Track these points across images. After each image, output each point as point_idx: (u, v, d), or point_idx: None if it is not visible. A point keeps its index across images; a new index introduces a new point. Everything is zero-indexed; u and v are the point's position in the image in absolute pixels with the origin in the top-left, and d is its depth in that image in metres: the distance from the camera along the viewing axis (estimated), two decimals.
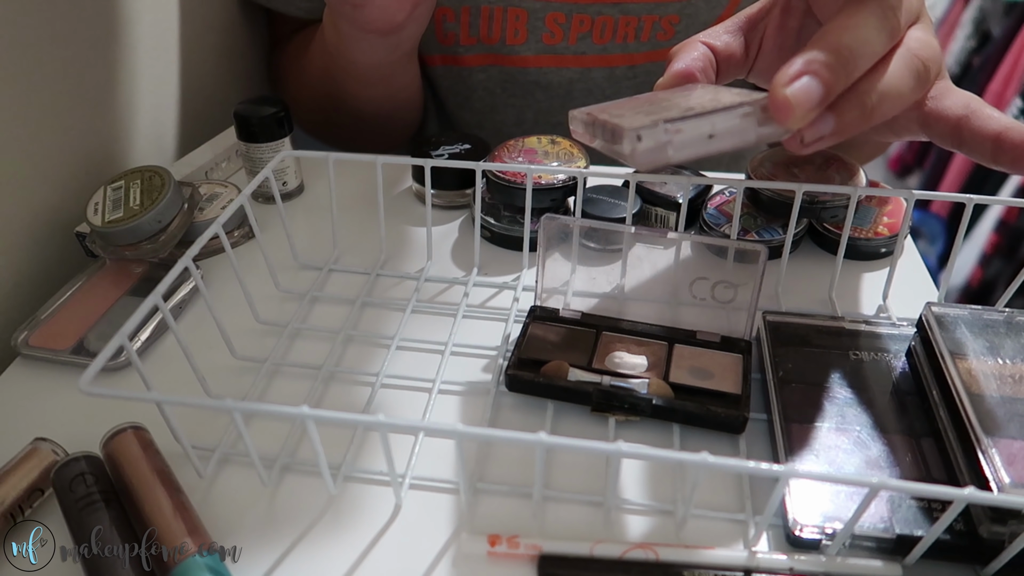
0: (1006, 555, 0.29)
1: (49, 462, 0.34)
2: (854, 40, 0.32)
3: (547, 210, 0.51)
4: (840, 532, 0.30)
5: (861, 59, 0.32)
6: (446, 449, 0.36)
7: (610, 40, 0.61)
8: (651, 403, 0.36)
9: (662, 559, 0.30)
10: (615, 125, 0.32)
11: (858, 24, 0.32)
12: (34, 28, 0.48)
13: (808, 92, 0.31)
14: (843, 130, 0.33)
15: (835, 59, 0.31)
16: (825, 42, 0.32)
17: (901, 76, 0.33)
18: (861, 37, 0.32)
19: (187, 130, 0.64)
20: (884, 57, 0.33)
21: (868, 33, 0.32)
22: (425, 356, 0.42)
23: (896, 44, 0.34)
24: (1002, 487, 0.29)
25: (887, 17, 0.33)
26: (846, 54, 0.31)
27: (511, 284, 0.48)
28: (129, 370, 0.42)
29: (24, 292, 0.49)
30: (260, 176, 0.44)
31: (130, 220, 0.47)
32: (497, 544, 0.31)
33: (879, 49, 0.33)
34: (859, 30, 0.32)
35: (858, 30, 0.32)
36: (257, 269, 0.48)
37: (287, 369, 0.41)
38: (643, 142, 0.30)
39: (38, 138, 0.49)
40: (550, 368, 0.38)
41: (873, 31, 0.32)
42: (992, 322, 0.36)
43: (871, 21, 0.32)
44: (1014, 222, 1.49)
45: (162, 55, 0.60)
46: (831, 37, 0.32)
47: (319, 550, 0.32)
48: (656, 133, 0.30)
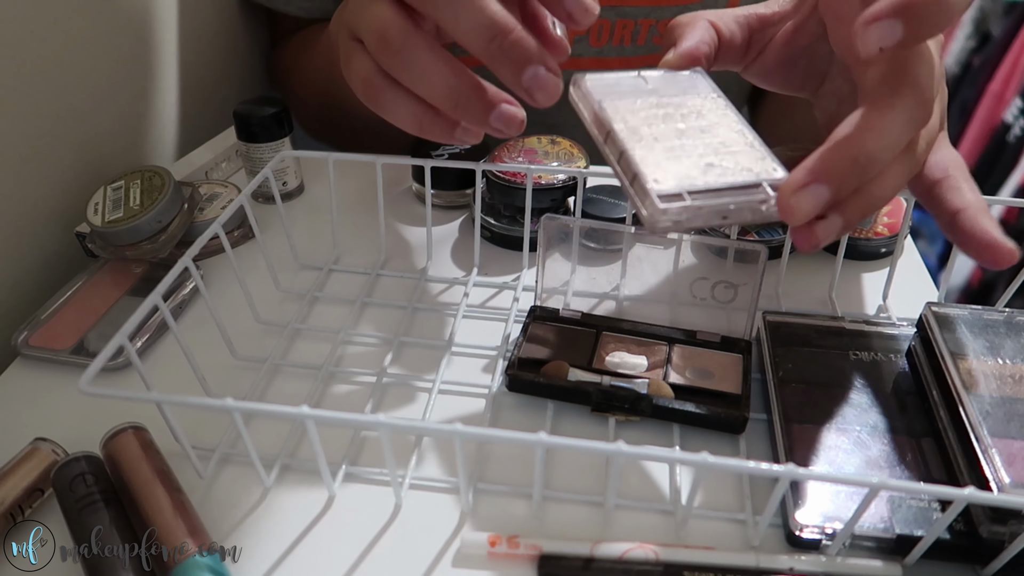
0: (1006, 555, 0.29)
1: (49, 462, 0.34)
2: (877, 147, 0.29)
3: (547, 210, 0.51)
4: (840, 532, 0.30)
5: (879, 164, 0.29)
6: (446, 449, 0.36)
7: (607, 43, 0.61)
8: (651, 403, 0.36)
9: (662, 559, 0.30)
10: (638, 174, 0.30)
11: (886, 126, 0.29)
12: (34, 28, 0.48)
13: (816, 200, 0.29)
14: (847, 228, 0.31)
15: (852, 168, 0.29)
16: (847, 146, 0.29)
17: (902, 175, 0.31)
18: (886, 143, 0.29)
19: (187, 130, 0.64)
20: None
21: (894, 137, 0.29)
22: (425, 356, 0.42)
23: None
24: (1002, 487, 0.29)
25: (917, 117, 0.30)
26: (864, 162, 0.29)
27: (511, 284, 0.48)
28: (129, 370, 0.41)
29: (24, 292, 0.49)
30: (260, 176, 0.44)
31: (130, 220, 0.47)
32: (497, 544, 0.31)
33: (899, 152, 0.30)
34: (886, 134, 0.29)
35: (885, 134, 0.29)
36: (257, 269, 0.48)
37: (287, 369, 0.41)
38: (666, 215, 0.29)
39: (38, 138, 0.49)
40: (550, 368, 0.38)
41: (901, 134, 0.29)
42: (992, 322, 0.36)
43: (900, 121, 0.29)
44: (1014, 222, 1.49)
45: (162, 55, 0.60)
46: (855, 141, 0.29)
47: (319, 550, 0.32)
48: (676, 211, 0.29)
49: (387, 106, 0.34)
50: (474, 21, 0.31)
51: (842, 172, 0.29)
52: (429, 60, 0.32)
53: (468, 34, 0.31)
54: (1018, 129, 1.52)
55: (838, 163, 0.29)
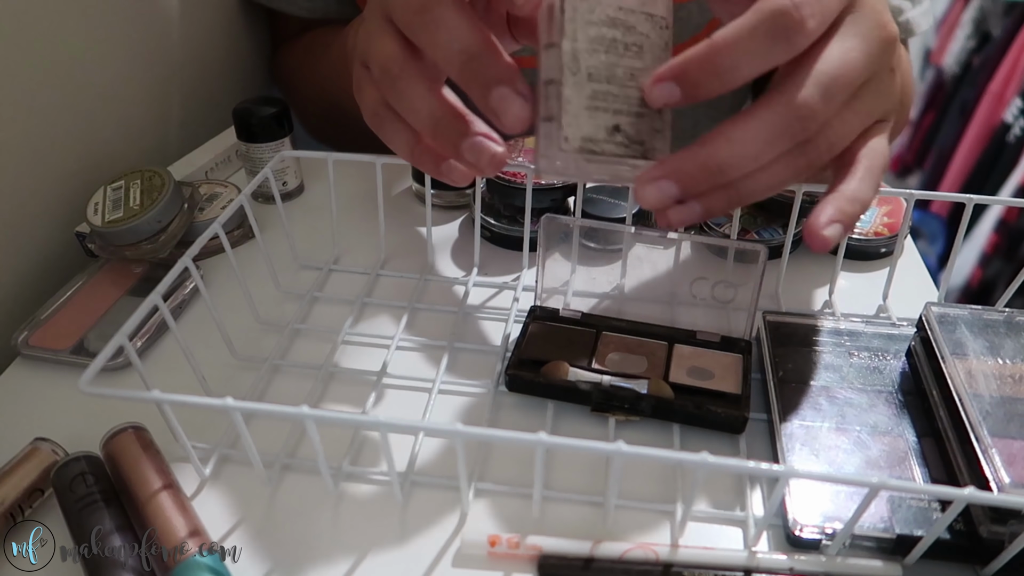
0: (1006, 555, 0.29)
1: (49, 462, 0.34)
2: (733, 156, 0.29)
3: (547, 210, 0.51)
4: (840, 532, 0.30)
5: (740, 170, 0.30)
6: (446, 449, 0.36)
7: None
8: (651, 403, 0.36)
9: (662, 559, 0.30)
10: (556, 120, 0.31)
11: (744, 138, 0.29)
12: (34, 29, 0.48)
13: (662, 195, 0.30)
14: (711, 215, 0.31)
15: (702, 173, 0.30)
16: (700, 153, 0.30)
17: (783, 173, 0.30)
18: (744, 153, 0.29)
19: (187, 130, 0.64)
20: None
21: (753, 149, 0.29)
22: (425, 356, 0.42)
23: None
24: (1002, 487, 0.29)
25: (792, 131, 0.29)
26: (716, 170, 0.29)
27: (511, 284, 0.48)
28: (129, 370, 0.42)
29: (24, 292, 0.49)
30: (260, 176, 0.44)
31: (130, 220, 0.47)
32: (497, 544, 0.31)
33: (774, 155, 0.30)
34: (744, 145, 0.29)
35: (741, 145, 0.29)
36: (257, 269, 0.48)
37: (287, 369, 0.41)
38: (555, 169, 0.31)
39: (38, 138, 0.49)
40: (550, 368, 0.38)
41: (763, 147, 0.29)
42: (992, 322, 0.36)
43: (763, 134, 0.29)
44: (1014, 222, 1.49)
45: (162, 55, 0.60)
46: (710, 149, 0.29)
47: (319, 550, 0.32)
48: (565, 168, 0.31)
49: (387, 134, 0.35)
50: (449, 45, 0.31)
51: (692, 176, 0.30)
52: (419, 89, 0.33)
53: (444, 59, 0.32)
54: (1018, 129, 1.52)
55: (689, 167, 0.30)
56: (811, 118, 0.29)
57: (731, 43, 0.29)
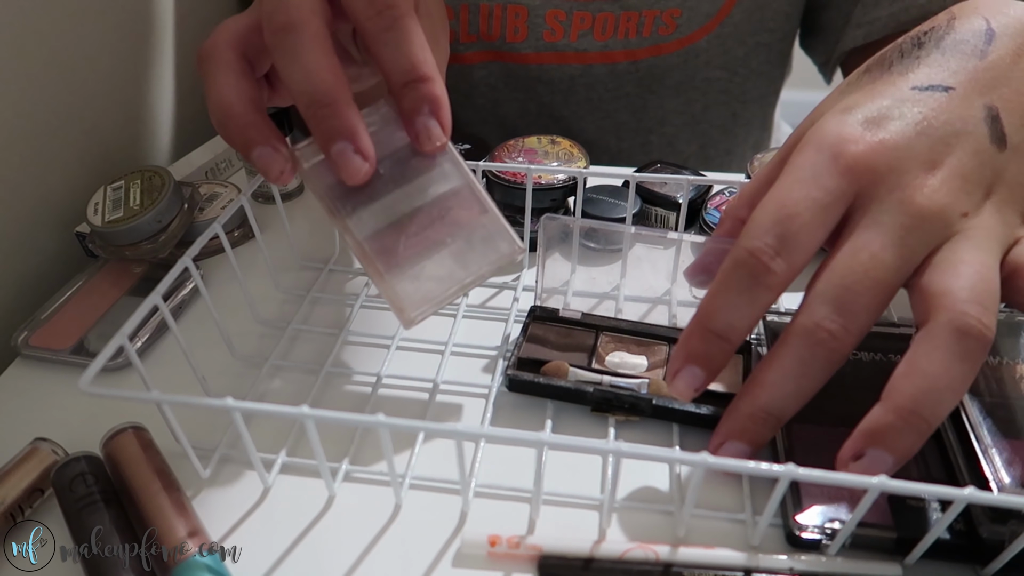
0: (1006, 555, 0.29)
1: (49, 462, 0.34)
2: (772, 397, 0.31)
3: (547, 210, 0.51)
4: (840, 532, 0.30)
5: (782, 409, 0.32)
6: (446, 449, 0.36)
7: (611, 36, 0.61)
8: (651, 403, 0.36)
9: (662, 559, 0.30)
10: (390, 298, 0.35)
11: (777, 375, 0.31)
12: (34, 29, 0.48)
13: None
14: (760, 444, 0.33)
15: (751, 422, 0.32)
16: (745, 405, 0.32)
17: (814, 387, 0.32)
18: (784, 392, 0.31)
19: (187, 130, 0.64)
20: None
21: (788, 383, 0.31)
22: (425, 356, 0.42)
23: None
24: (1002, 487, 0.29)
25: (815, 353, 0.30)
26: (762, 414, 0.32)
27: (511, 284, 0.48)
28: (129, 370, 0.41)
29: (24, 292, 0.49)
30: (260, 176, 0.44)
31: (130, 220, 0.47)
32: (497, 544, 0.31)
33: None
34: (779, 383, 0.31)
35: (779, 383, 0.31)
36: (257, 269, 0.48)
37: (287, 369, 0.41)
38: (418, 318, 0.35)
39: (38, 138, 0.49)
40: (550, 368, 0.38)
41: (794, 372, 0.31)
42: None
43: (789, 363, 0.31)
44: None
45: (162, 55, 0.60)
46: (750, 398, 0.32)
47: (319, 550, 0.32)
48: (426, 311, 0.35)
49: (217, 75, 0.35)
50: (301, 82, 0.32)
51: (743, 424, 0.32)
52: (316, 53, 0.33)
53: (295, 93, 0.33)
54: None
55: (739, 422, 0.32)
56: (829, 339, 0.30)
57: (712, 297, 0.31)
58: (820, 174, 0.30)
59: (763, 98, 0.72)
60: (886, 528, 0.30)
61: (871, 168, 0.30)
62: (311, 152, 0.36)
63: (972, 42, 0.33)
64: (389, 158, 0.36)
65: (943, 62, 0.33)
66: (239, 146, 0.34)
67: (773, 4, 0.62)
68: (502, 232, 0.36)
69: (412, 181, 0.36)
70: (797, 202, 0.30)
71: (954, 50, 0.33)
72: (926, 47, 0.34)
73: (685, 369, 0.32)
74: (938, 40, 0.34)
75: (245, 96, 0.34)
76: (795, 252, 0.30)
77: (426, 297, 0.34)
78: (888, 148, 0.30)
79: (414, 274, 0.35)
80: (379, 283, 0.35)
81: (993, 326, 0.28)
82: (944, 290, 0.29)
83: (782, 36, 0.66)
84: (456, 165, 0.36)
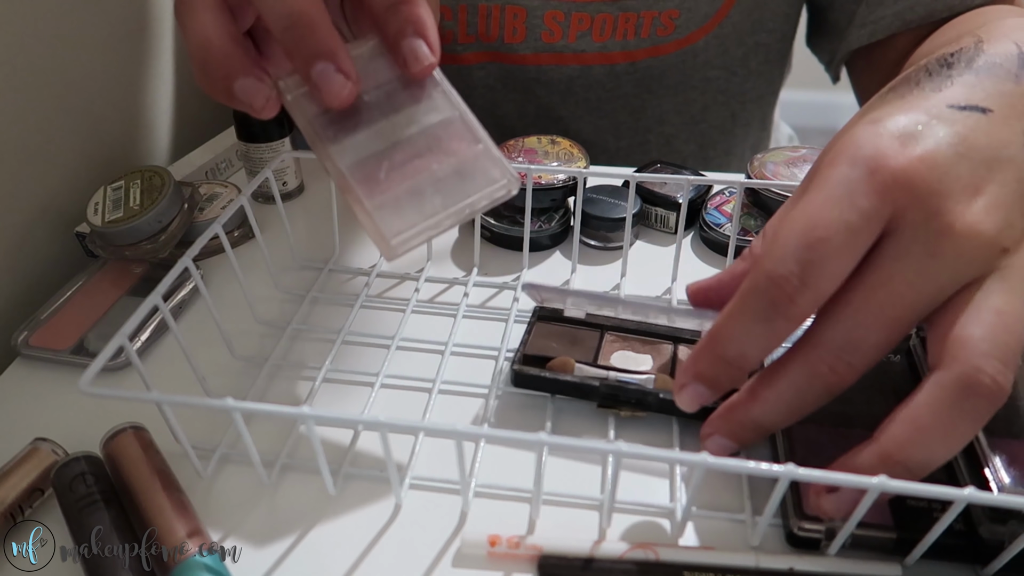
0: (1006, 555, 0.29)
1: (49, 462, 0.34)
2: (765, 412, 0.30)
3: (547, 210, 0.51)
4: (840, 532, 0.30)
5: (774, 424, 0.31)
6: (446, 449, 0.36)
7: (610, 38, 0.61)
8: (658, 397, 0.36)
9: (662, 559, 0.30)
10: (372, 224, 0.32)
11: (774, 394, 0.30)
12: (34, 29, 0.48)
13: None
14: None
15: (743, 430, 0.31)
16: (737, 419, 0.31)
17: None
18: (778, 410, 0.30)
19: (187, 130, 0.64)
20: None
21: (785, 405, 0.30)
22: (425, 356, 0.42)
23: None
24: (1002, 487, 0.29)
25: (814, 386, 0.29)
26: (753, 426, 0.31)
27: (511, 284, 0.48)
28: (129, 370, 0.42)
29: (24, 292, 0.49)
30: (260, 176, 0.44)
31: (130, 220, 0.47)
32: (497, 544, 0.31)
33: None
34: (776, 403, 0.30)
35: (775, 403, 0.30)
36: (257, 269, 0.48)
37: (287, 369, 0.41)
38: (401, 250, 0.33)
39: (38, 138, 0.49)
40: (556, 364, 0.38)
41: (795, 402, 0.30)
42: None
43: (790, 389, 0.29)
44: None
45: (162, 55, 0.60)
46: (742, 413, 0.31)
47: (319, 550, 0.32)
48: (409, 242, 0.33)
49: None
50: (277, 5, 0.31)
51: (736, 432, 0.31)
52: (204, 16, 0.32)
53: (271, 18, 0.31)
54: None
55: (730, 427, 0.31)
56: (830, 375, 0.28)
57: (725, 325, 0.29)
58: (855, 192, 0.28)
59: (762, 98, 0.72)
60: (886, 528, 0.30)
61: (910, 187, 0.27)
62: (294, 84, 0.34)
63: (1006, 66, 0.31)
64: (376, 89, 0.34)
65: (977, 83, 0.31)
66: (220, 83, 0.32)
67: (771, 4, 0.62)
68: (496, 161, 0.34)
69: (400, 111, 0.34)
70: (829, 224, 0.27)
71: (988, 72, 0.31)
72: (956, 67, 0.32)
73: (691, 386, 0.31)
74: (969, 61, 0.32)
75: (224, 31, 0.32)
76: (822, 282, 0.27)
77: (409, 225, 0.32)
78: (928, 167, 0.28)
79: (396, 202, 0.32)
80: (359, 212, 0.33)
81: (1009, 383, 0.26)
82: (964, 338, 0.27)
83: (781, 36, 0.66)
84: (447, 96, 0.35)
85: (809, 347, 0.29)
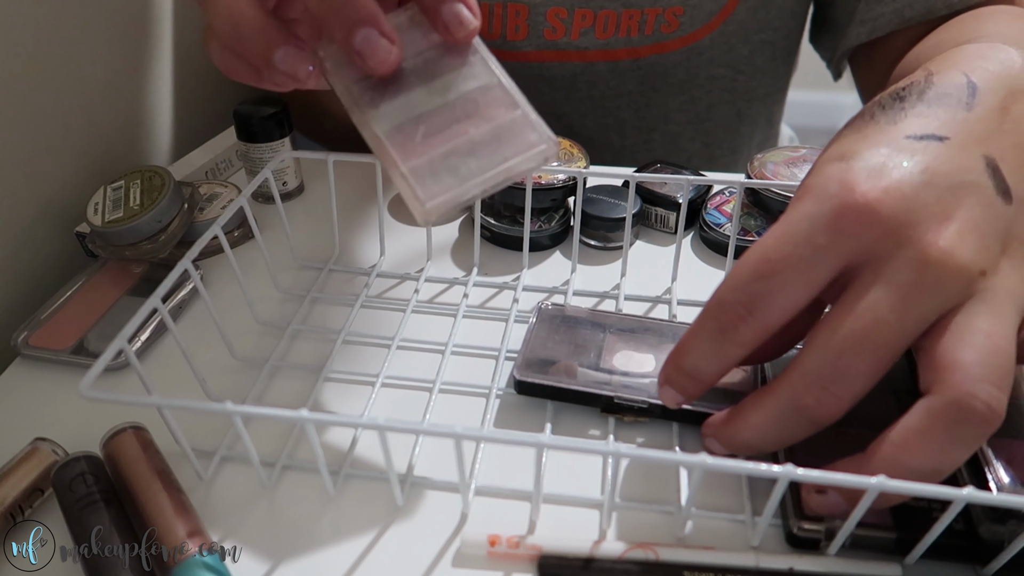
0: (1006, 555, 0.29)
1: (49, 462, 0.34)
2: (750, 437, 0.31)
3: (547, 210, 0.51)
4: (840, 532, 0.30)
5: (757, 449, 0.32)
6: (446, 449, 0.36)
7: (613, 34, 0.61)
8: (661, 408, 0.36)
9: (662, 559, 0.30)
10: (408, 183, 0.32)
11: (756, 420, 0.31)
12: (35, 29, 0.48)
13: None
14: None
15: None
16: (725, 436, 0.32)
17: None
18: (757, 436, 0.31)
19: (187, 130, 0.64)
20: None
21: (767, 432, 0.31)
22: (425, 356, 0.42)
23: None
24: (1002, 487, 0.29)
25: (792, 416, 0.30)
26: (740, 445, 0.32)
27: (511, 284, 0.48)
28: (129, 370, 0.41)
29: (24, 292, 0.49)
30: (260, 176, 0.44)
31: (130, 220, 0.47)
32: (497, 544, 0.31)
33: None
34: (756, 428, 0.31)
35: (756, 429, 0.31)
36: (257, 269, 0.48)
37: (287, 370, 0.41)
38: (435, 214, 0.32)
39: (39, 138, 0.49)
40: (559, 369, 0.38)
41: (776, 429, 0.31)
42: None
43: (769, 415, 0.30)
44: None
45: (162, 55, 0.60)
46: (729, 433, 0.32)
47: (319, 550, 0.32)
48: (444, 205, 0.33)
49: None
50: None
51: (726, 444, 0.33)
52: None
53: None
54: None
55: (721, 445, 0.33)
56: (815, 407, 0.29)
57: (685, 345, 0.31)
58: (814, 228, 0.28)
59: (768, 96, 0.71)
60: (886, 528, 0.30)
61: (879, 220, 0.28)
62: (332, 52, 0.34)
63: (956, 95, 0.32)
64: (415, 57, 0.34)
65: (930, 113, 0.31)
66: (259, 56, 0.32)
67: (778, 1, 0.62)
68: (533, 125, 0.33)
69: (438, 78, 0.34)
70: (780, 257, 0.29)
71: (938, 102, 0.32)
72: (908, 100, 0.32)
73: (664, 387, 0.33)
74: (920, 93, 0.32)
75: (257, 3, 0.32)
76: (768, 313, 0.29)
77: (445, 188, 0.32)
78: (894, 198, 0.28)
79: (431, 166, 0.32)
80: (395, 175, 0.33)
81: (1003, 407, 0.26)
82: (955, 363, 0.27)
83: (787, 33, 0.66)
84: (486, 62, 0.34)
85: (797, 375, 0.29)
